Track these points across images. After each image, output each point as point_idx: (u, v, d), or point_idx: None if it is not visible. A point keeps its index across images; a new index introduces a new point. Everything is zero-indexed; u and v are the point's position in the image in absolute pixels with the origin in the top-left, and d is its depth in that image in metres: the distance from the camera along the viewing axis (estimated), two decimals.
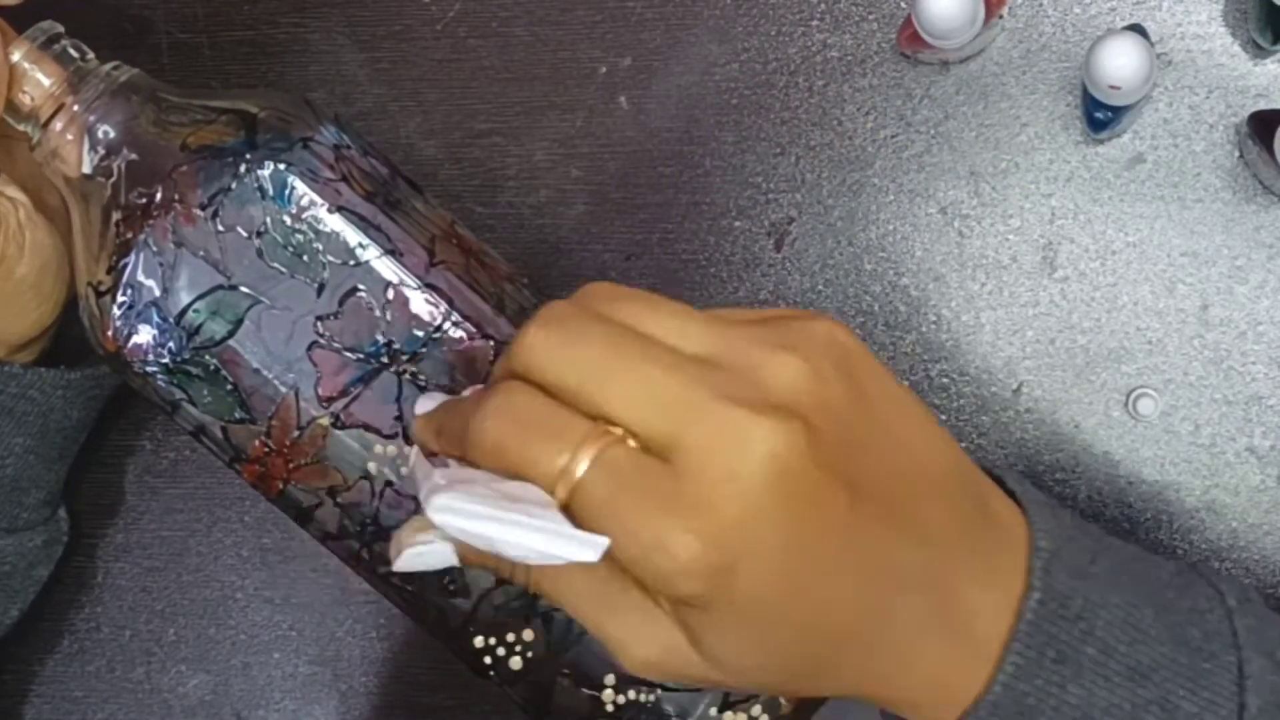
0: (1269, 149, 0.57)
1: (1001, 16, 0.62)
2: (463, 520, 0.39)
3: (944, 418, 0.63)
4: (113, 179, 0.54)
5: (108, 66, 0.56)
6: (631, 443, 0.39)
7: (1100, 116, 0.60)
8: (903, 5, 0.63)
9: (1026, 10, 0.63)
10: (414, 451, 0.47)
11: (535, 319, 0.41)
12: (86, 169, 0.55)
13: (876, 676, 0.42)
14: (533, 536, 0.39)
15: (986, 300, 0.63)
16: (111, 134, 0.55)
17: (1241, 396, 0.62)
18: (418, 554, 0.42)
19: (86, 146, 0.55)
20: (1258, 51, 0.61)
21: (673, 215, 0.65)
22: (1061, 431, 0.62)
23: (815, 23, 0.64)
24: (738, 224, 0.64)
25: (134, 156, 0.54)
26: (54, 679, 0.67)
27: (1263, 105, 0.61)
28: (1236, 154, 0.62)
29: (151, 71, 0.67)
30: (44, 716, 0.67)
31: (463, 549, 0.42)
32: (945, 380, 0.63)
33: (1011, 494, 0.45)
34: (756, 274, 0.64)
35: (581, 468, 0.39)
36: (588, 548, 0.39)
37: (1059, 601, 0.43)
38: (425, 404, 0.47)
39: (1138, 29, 0.60)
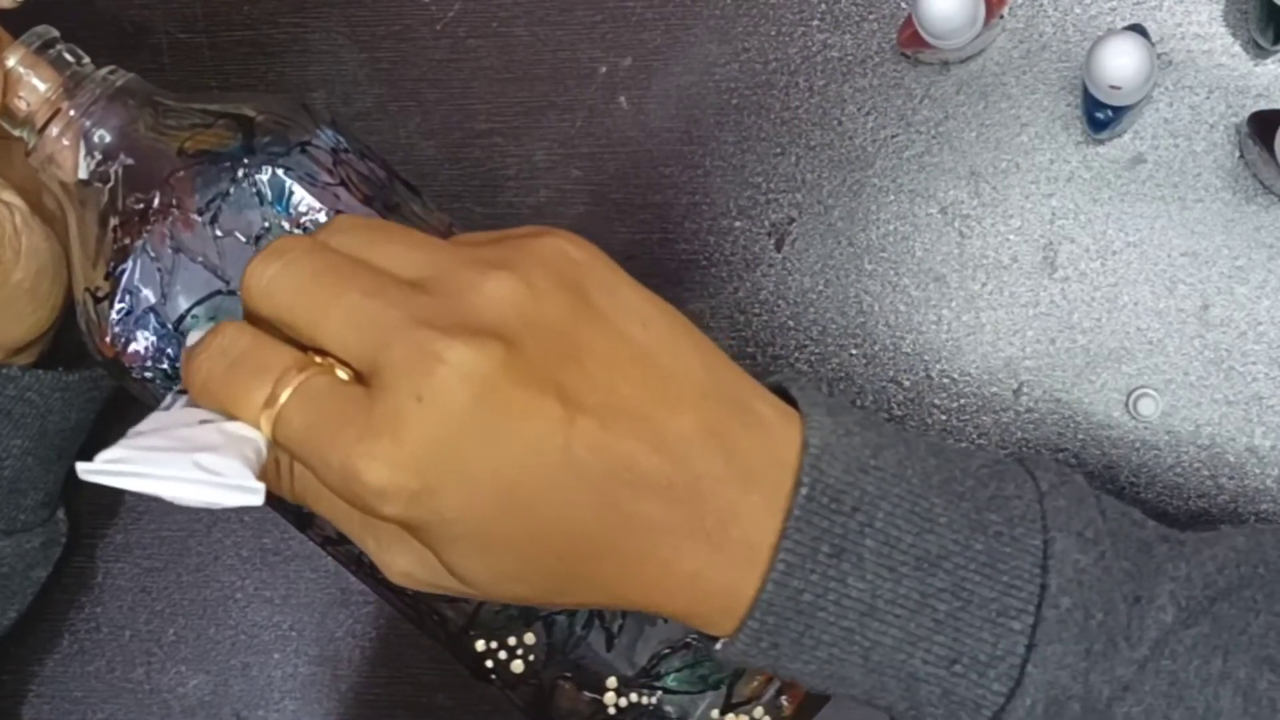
0: (1269, 149, 0.57)
1: (1002, 17, 0.62)
2: (117, 480, 0.39)
3: (944, 418, 0.63)
4: (110, 184, 0.54)
5: (104, 71, 0.56)
6: (342, 372, 0.40)
7: (1100, 116, 0.60)
8: (903, 5, 0.63)
9: (1027, 10, 0.63)
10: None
11: (260, 253, 0.41)
12: (83, 174, 0.55)
13: (639, 587, 0.42)
14: (190, 489, 0.39)
15: (987, 300, 0.63)
16: (108, 139, 0.55)
17: (1242, 397, 0.62)
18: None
19: (83, 152, 0.55)
20: (1258, 51, 0.61)
21: (673, 215, 0.65)
22: (1061, 432, 0.62)
23: (815, 23, 0.64)
24: (738, 224, 0.64)
25: (131, 161, 0.54)
26: (53, 679, 0.67)
27: (1263, 105, 0.61)
28: (1237, 154, 0.62)
29: (151, 72, 0.67)
30: (43, 716, 0.67)
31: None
32: (945, 380, 0.63)
33: (790, 398, 0.44)
34: (757, 274, 0.64)
35: (283, 399, 0.39)
36: (247, 494, 0.39)
37: (831, 495, 0.42)
38: (193, 337, 0.46)
39: (1138, 29, 0.60)
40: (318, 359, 0.40)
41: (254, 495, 0.39)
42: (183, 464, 0.39)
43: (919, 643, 0.42)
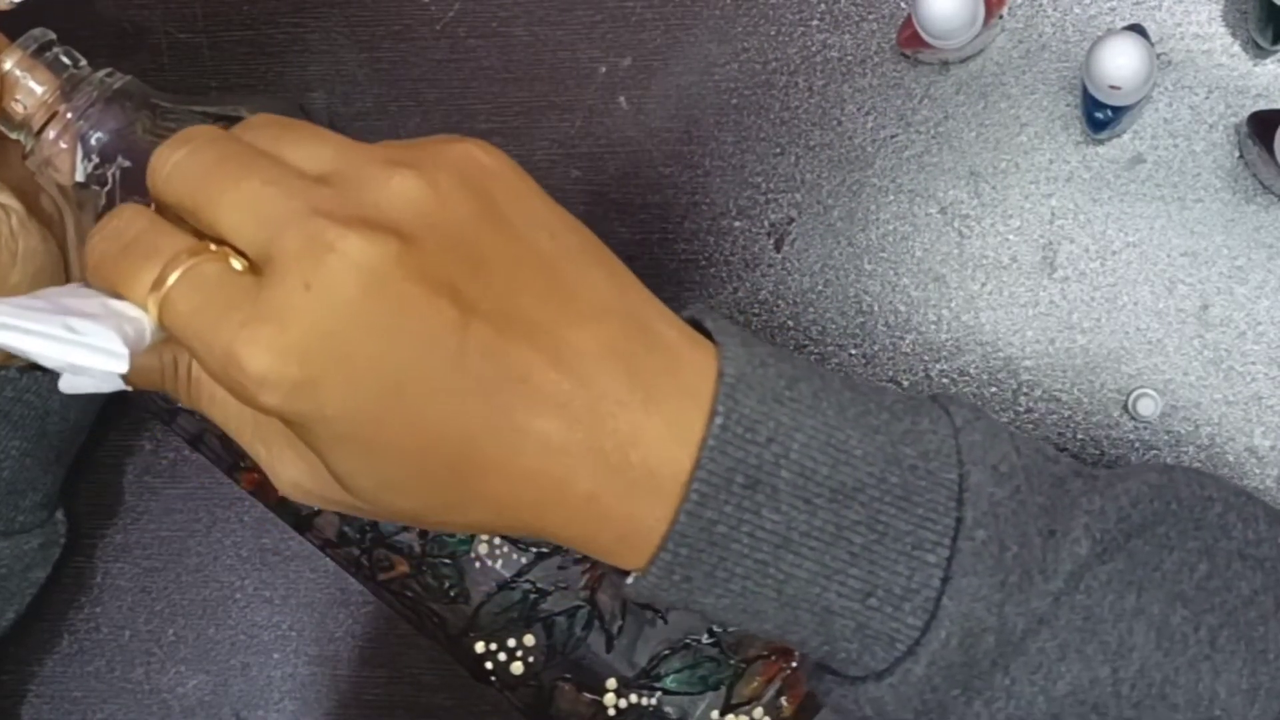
0: (1269, 149, 0.57)
1: (1001, 17, 0.62)
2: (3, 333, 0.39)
3: None
4: (107, 187, 0.54)
5: (101, 73, 0.56)
6: (235, 261, 0.39)
7: (1100, 116, 0.60)
8: (902, 5, 0.63)
9: (1026, 10, 0.63)
10: None
11: (169, 139, 0.41)
12: (80, 177, 0.55)
13: (531, 506, 0.41)
14: (55, 348, 0.39)
15: (986, 300, 0.63)
16: (105, 141, 0.55)
17: (1241, 397, 0.62)
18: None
19: (80, 154, 0.55)
20: (1258, 51, 0.61)
21: (672, 215, 0.65)
22: (1061, 432, 0.62)
23: (815, 23, 0.64)
24: (738, 224, 0.64)
25: (128, 164, 0.54)
26: (53, 679, 0.67)
27: (1263, 105, 0.61)
28: (1236, 154, 0.62)
29: (151, 72, 0.67)
30: (43, 716, 0.67)
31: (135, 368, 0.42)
32: (945, 380, 0.63)
33: (704, 330, 0.44)
34: (756, 274, 0.64)
35: (170, 282, 0.39)
36: (112, 359, 0.39)
37: (745, 425, 0.41)
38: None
39: (1138, 29, 0.60)
40: (212, 246, 0.39)
41: (119, 361, 0.39)
42: (54, 324, 0.39)
43: (834, 576, 0.42)
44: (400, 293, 0.38)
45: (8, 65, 0.55)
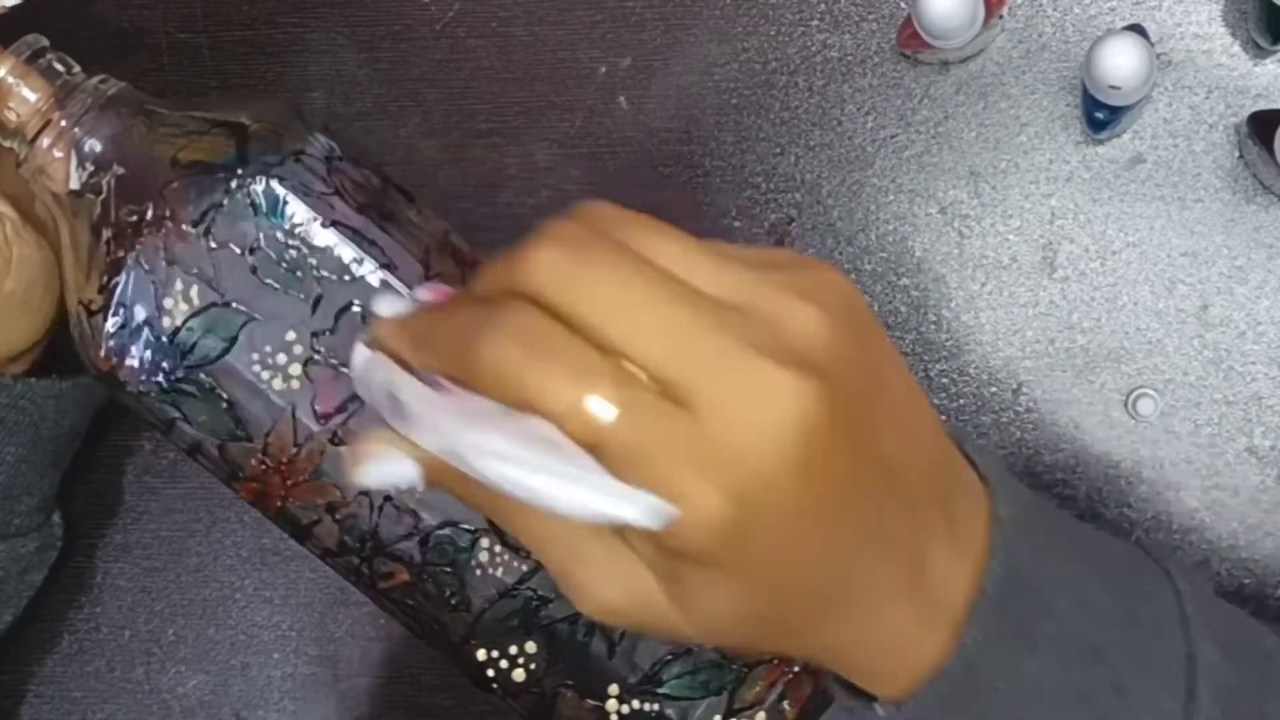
0: (1269, 149, 0.57)
1: (1001, 17, 0.62)
2: (513, 469, 0.36)
3: (944, 418, 0.63)
4: (102, 195, 0.54)
5: (95, 80, 0.55)
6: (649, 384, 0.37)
7: (1100, 116, 0.60)
8: (902, 5, 0.63)
9: (1026, 10, 0.63)
10: (363, 354, 0.41)
11: (544, 235, 0.37)
12: (75, 185, 0.54)
13: (844, 642, 0.41)
14: (594, 497, 0.36)
15: (986, 300, 0.63)
16: (99, 149, 0.54)
17: (1241, 396, 0.62)
18: (381, 469, 0.39)
19: (74, 162, 0.54)
20: (1258, 51, 0.61)
21: (672, 215, 0.64)
22: (1061, 431, 0.63)
23: (815, 23, 0.64)
24: (738, 224, 0.64)
25: (123, 172, 0.54)
26: (53, 679, 0.67)
27: (1263, 105, 0.61)
28: (1236, 154, 0.62)
29: (151, 72, 0.67)
30: (43, 716, 0.67)
31: (432, 471, 0.39)
32: (945, 380, 0.63)
33: (972, 462, 0.44)
34: None
35: (603, 408, 0.36)
36: (651, 514, 0.36)
37: (1019, 574, 0.41)
38: (392, 304, 0.41)
39: (1137, 29, 0.60)
40: (629, 366, 0.37)
41: (660, 518, 0.36)
42: (569, 466, 0.36)
43: None
44: (829, 440, 0.37)
45: (1, 72, 0.55)
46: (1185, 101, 0.62)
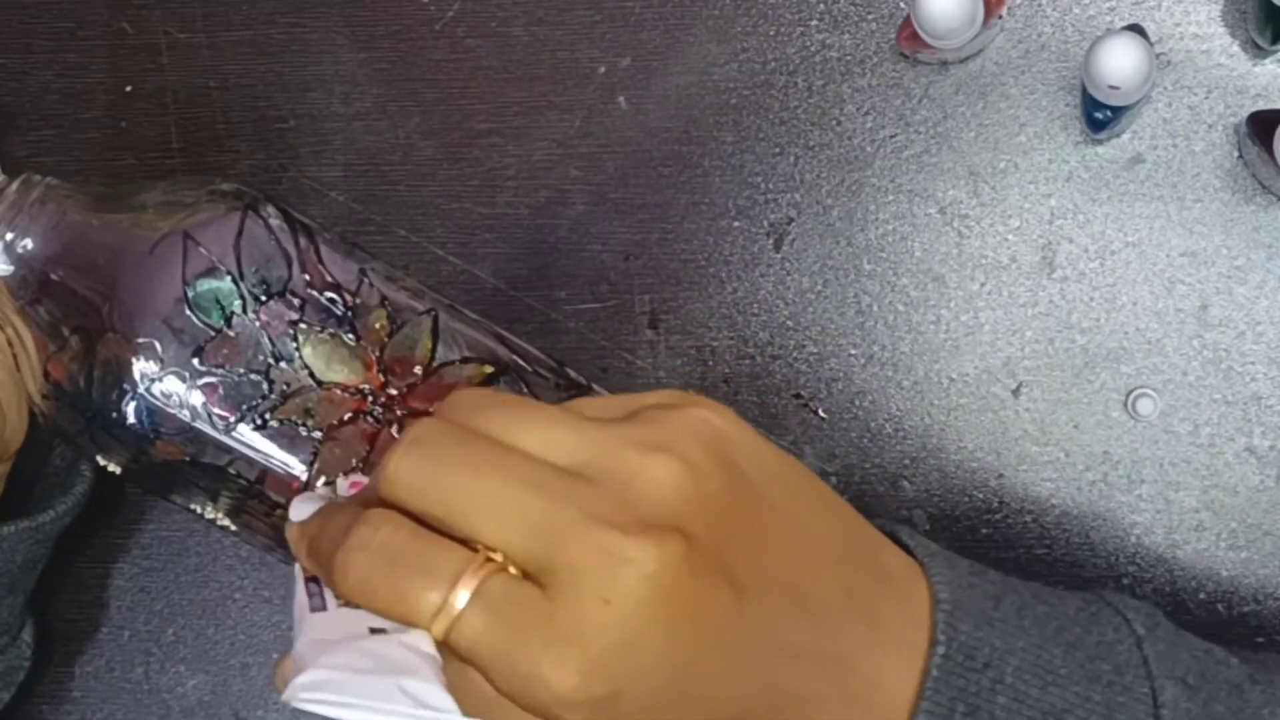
0: (1268, 149, 0.57)
1: (1001, 17, 0.62)
2: (329, 710, 0.36)
3: (944, 418, 0.63)
4: (47, 300, 0.54)
5: (16, 183, 0.55)
6: (512, 569, 0.38)
7: (1099, 116, 0.60)
8: (902, 5, 0.63)
9: (1026, 10, 0.63)
10: (296, 570, 0.44)
11: (400, 442, 0.39)
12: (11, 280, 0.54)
13: None
14: None
15: (986, 300, 0.63)
16: (34, 248, 0.54)
17: (1241, 396, 0.62)
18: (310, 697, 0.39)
19: (9, 266, 0.54)
20: (1257, 51, 0.61)
21: (672, 215, 0.65)
22: (1061, 431, 0.62)
23: (814, 23, 0.64)
24: (737, 224, 0.64)
25: (62, 274, 0.54)
26: (52, 679, 0.67)
27: (1262, 105, 0.61)
28: (1236, 154, 0.62)
29: (150, 72, 0.67)
30: (42, 716, 0.67)
31: None
32: (944, 380, 0.63)
33: (904, 546, 0.44)
34: (755, 274, 0.64)
35: (459, 601, 0.37)
36: (447, 717, 0.36)
37: (965, 653, 0.42)
38: (301, 508, 0.44)
39: (1137, 29, 0.60)
40: (489, 556, 0.38)
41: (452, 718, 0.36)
42: (389, 691, 0.36)
43: None
44: (689, 590, 0.38)
45: None
46: (1184, 101, 0.62)
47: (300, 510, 0.44)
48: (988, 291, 0.63)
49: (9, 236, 0.54)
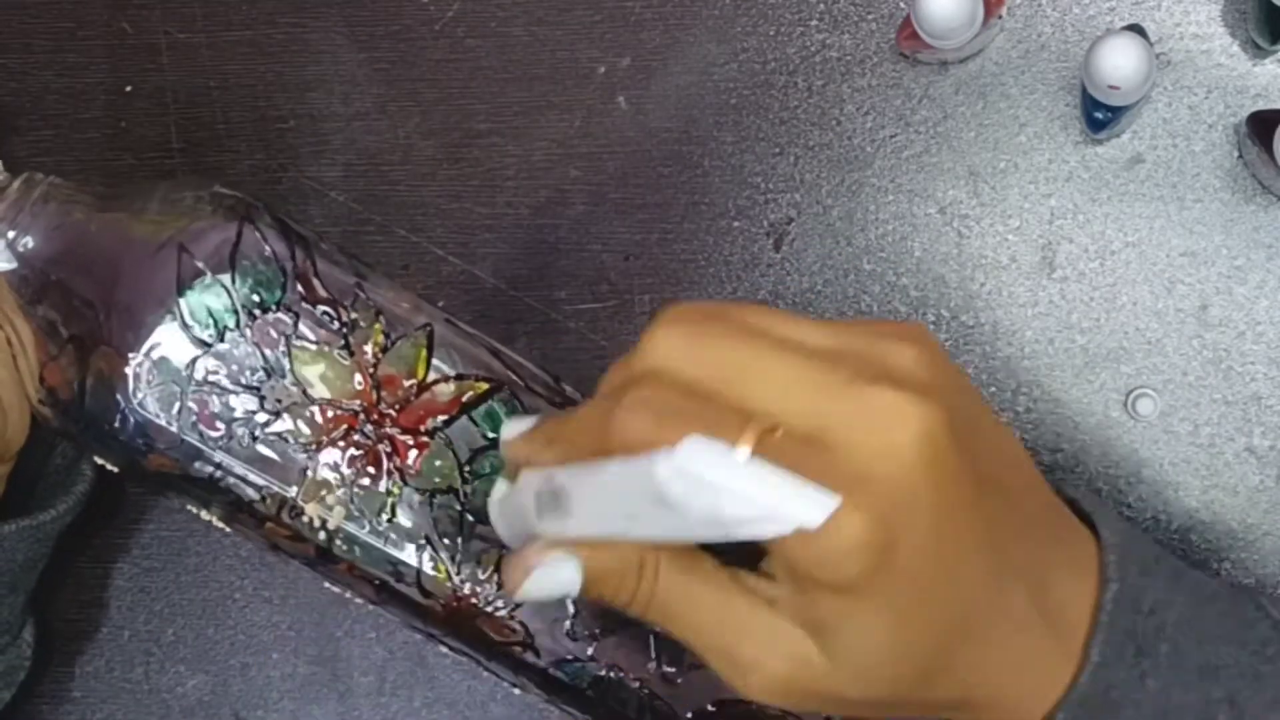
0: (1268, 149, 0.57)
1: (1000, 17, 0.62)
2: (712, 472, 0.37)
3: None
4: (45, 301, 0.54)
5: (18, 181, 0.55)
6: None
7: (1099, 116, 0.60)
8: (901, 5, 0.63)
9: (1025, 10, 0.63)
10: (501, 489, 0.46)
11: (659, 320, 0.40)
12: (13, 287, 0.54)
13: (980, 679, 0.42)
14: (776, 499, 0.37)
15: (986, 300, 0.63)
16: (36, 246, 0.54)
17: (1240, 396, 0.62)
18: (546, 576, 0.41)
19: (11, 263, 0.54)
20: (1257, 52, 0.61)
21: (672, 215, 0.65)
22: (1061, 431, 0.62)
23: (814, 23, 0.64)
24: (737, 224, 0.64)
25: (61, 275, 0.54)
26: (52, 679, 0.67)
27: (1262, 105, 0.61)
28: (1235, 154, 0.62)
29: (150, 71, 0.67)
30: (42, 716, 0.67)
31: (592, 573, 0.41)
32: None
33: (1065, 496, 0.46)
34: (755, 274, 0.64)
35: (740, 453, 0.37)
36: (818, 507, 0.37)
37: (1133, 595, 0.43)
38: (517, 425, 0.45)
39: (1137, 29, 0.60)
40: (761, 420, 0.39)
41: (826, 509, 0.37)
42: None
43: None
44: (954, 460, 0.39)
45: None
46: (1184, 101, 0.62)
47: (518, 425, 0.44)
48: (987, 291, 0.63)
49: (11, 235, 0.54)
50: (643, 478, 0.37)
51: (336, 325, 0.54)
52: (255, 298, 0.54)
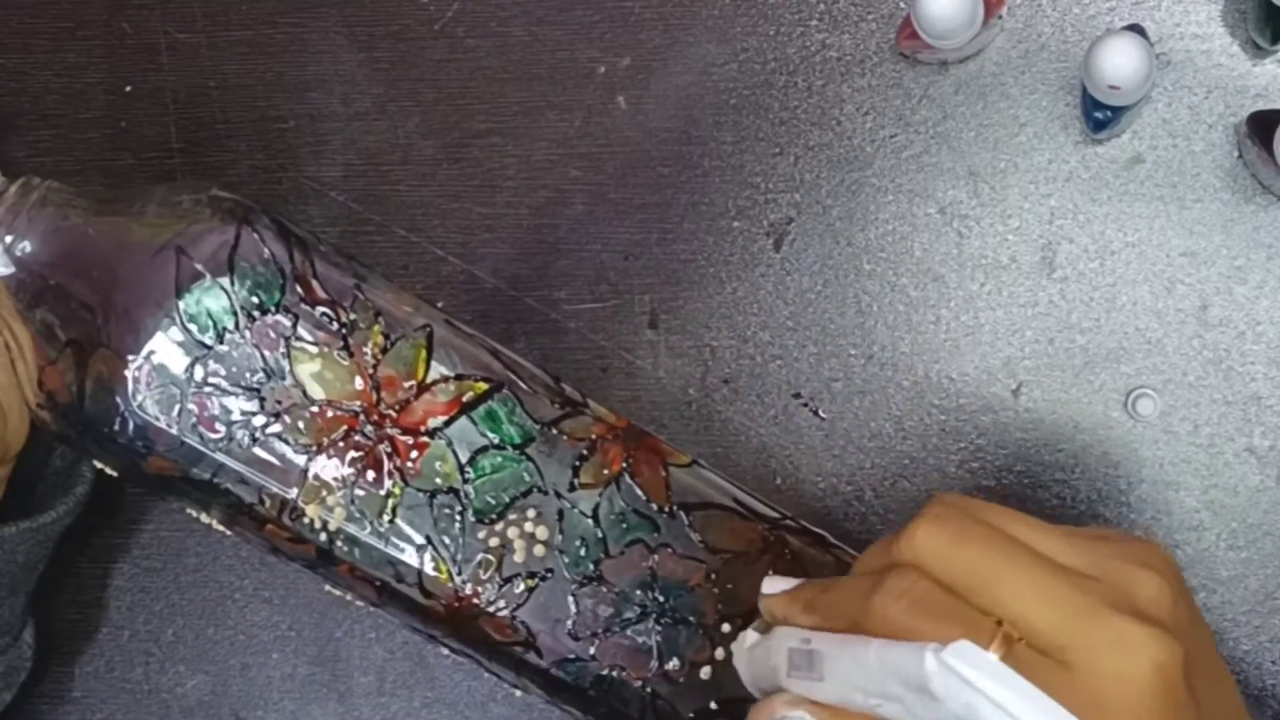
0: (1268, 149, 0.57)
1: (1000, 17, 0.62)
2: (989, 682, 0.40)
3: (944, 418, 0.63)
4: (44, 305, 0.54)
5: (15, 185, 0.55)
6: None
7: (1099, 116, 0.60)
8: (901, 5, 0.63)
9: (1025, 10, 0.63)
10: (751, 637, 0.48)
11: (926, 514, 0.43)
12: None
13: None
14: (1030, 705, 0.39)
15: (986, 300, 0.63)
16: (33, 250, 0.54)
17: (1240, 396, 0.62)
18: None
19: (9, 267, 0.54)
20: (1257, 51, 0.61)
21: (671, 215, 0.65)
22: (1061, 431, 0.62)
23: (814, 23, 0.64)
24: (736, 224, 0.64)
25: (59, 279, 0.54)
26: (52, 679, 0.67)
27: (1261, 105, 0.61)
28: (1235, 154, 0.62)
29: (150, 72, 0.67)
30: (42, 716, 0.67)
31: None
32: (944, 380, 0.63)
33: None
34: (755, 274, 0.64)
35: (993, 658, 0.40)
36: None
37: None
38: (778, 584, 0.48)
39: (1137, 29, 0.60)
40: (1008, 628, 0.42)
41: None
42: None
43: None
44: (1183, 694, 0.41)
45: None
46: (1184, 101, 0.62)
47: (779, 584, 0.48)
48: (988, 291, 0.63)
49: (8, 239, 0.54)
50: (906, 664, 0.40)
51: (336, 326, 0.54)
52: (254, 300, 0.54)
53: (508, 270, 0.65)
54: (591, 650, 0.55)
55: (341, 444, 0.54)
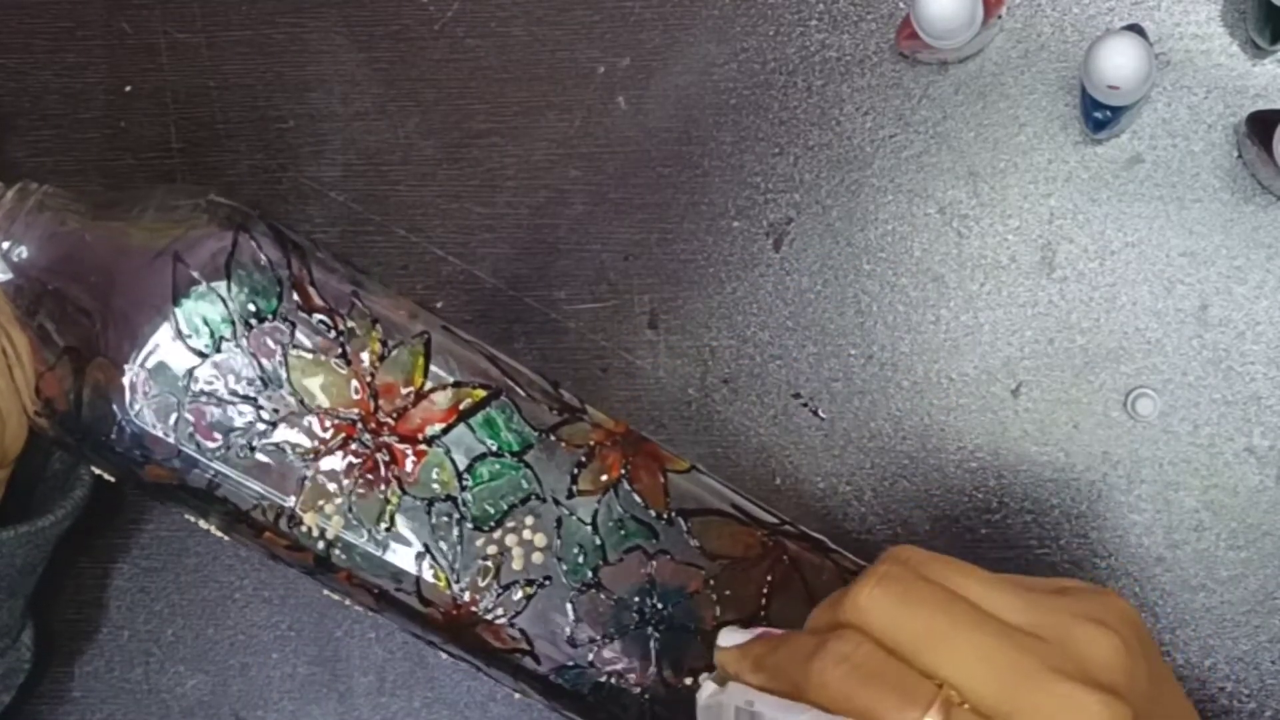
0: (1267, 149, 0.57)
1: (1000, 17, 0.62)
2: None
3: (943, 417, 0.63)
4: (41, 311, 0.54)
5: (12, 190, 0.55)
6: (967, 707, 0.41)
7: (1099, 116, 0.60)
8: (901, 5, 0.63)
9: (1025, 10, 0.63)
10: (710, 688, 0.48)
11: (868, 577, 0.43)
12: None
13: None
14: None
15: (985, 300, 0.63)
16: (30, 256, 0.54)
17: (1240, 396, 0.62)
18: None
19: (6, 273, 0.54)
20: (1256, 51, 0.61)
21: (671, 215, 0.65)
22: (1061, 431, 0.62)
23: (814, 23, 0.64)
24: (736, 224, 0.64)
25: (57, 285, 0.54)
26: (52, 679, 0.67)
27: (1261, 105, 0.61)
28: (1235, 154, 0.62)
29: (150, 71, 0.67)
30: (42, 717, 0.67)
31: None
32: (944, 380, 0.63)
33: None
34: (755, 274, 0.64)
35: None
36: None
37: None
38: (734, 636, 0.48)
39: (1136, 29, 0.60)
40: (946, 690, 0.41)
41: None
42: None
43: None
44: None
45: None
46: (1184, 101, 0.62)
47: (734, 636, 0.47)
48: (988, 291, 0.63)
49: (5, 244, 0.54)
50: None
51: (333, 334, 0.54)
52: (251, 307, 0.54)
53: (507, 270, 0.65)
54: (590, 657, 0.54)
55: (339, 451, 0.54)
